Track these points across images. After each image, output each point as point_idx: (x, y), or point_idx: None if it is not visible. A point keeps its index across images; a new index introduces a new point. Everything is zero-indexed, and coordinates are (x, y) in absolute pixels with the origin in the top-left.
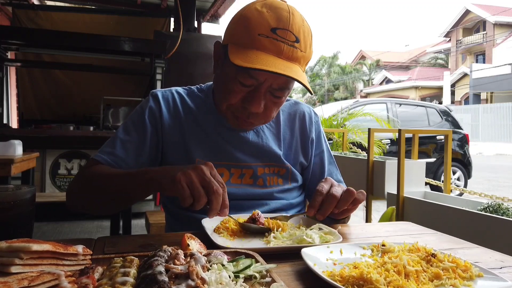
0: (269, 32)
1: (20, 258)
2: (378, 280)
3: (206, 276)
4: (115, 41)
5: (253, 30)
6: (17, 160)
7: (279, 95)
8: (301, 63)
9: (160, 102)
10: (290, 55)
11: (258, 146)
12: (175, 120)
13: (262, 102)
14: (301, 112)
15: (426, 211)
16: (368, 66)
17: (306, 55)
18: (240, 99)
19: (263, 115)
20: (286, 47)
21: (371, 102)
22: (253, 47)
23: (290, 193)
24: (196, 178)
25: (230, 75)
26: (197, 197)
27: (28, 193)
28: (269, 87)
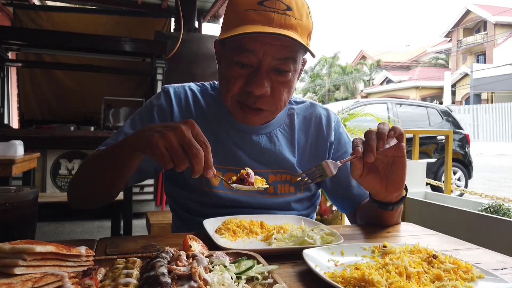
0: (256, 5)
1: (24, 260)
2: (379, 282)
3: (208, 278)
4: (116, 42)
5: (240, 7)
6: (18, 161)
7: (284, 68)
8: (298, 31)
9: (172, 98)
10: (283, 23)
11: (270, 152)
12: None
13: (265, 82)
14: (317, 115)
15: (426, 211)
16: (368, 66)
17: (304, 23)
18: (243, 84)
19: (272, 98)
20: (277, 15)
21: (371, 102)
22: (242, 23)
23: (302, 203)
24: (175, 141)
25: (228, 62)
26: (177, 162)
27: (31, 194)
28: (270, 64)
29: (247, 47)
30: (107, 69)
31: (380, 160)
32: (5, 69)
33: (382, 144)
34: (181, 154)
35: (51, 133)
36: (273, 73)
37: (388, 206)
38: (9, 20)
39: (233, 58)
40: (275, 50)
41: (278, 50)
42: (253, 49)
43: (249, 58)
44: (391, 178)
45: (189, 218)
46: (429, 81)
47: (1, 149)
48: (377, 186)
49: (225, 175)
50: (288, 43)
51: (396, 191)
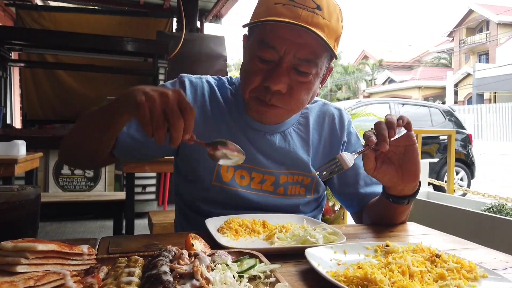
0: (285, 0)
1: (26, 258)
2: (382, 281)
3: (210, 276)
4: (118, 42)
5: (270, 1)
6: (21, 160)
7: (304, 69)
8: (325, 31)
9: (187, 88)
10: (309, 20)
11: (284, 151)
12: (200, 111)
13: (283, 79)
14: (330, 114)
15: (429, 211)
16: (370, 66)
17: (332, 25)
18: (261, 79)
19: (289, 96)
20: (305, 12)
21: (374, 102)
22: (268, 15)
23: (310, 205)
24: (159, 105)
25: (250, 55)
26: (156, 126)
27: (33, 193)
28: (290, 62)
29: (269, 42)
30: (109, 69)
31: (393, 151)
32: (8, 69)
33: (393, 133)
34: (161, 120)
35: (53, 133)
36: (293, 72)
37: (404, 199)
38: (12, 21)
39: (255, 52)
40: (297, 49)
41: (299, 48)
42: (275, 45)
43: (271, 53)
44: (406, 167)
45: (195, 216)
46: (432, 81)
47: (3, 149)
48: (393, 177)
49: (237, 171)
50: (312, 44)
51: (413, 181)
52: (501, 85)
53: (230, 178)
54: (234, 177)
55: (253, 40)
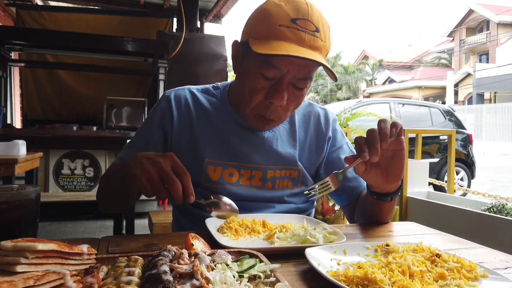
0: (289, 22)
1: (26, 258)
2: (382, 280)
3: (210, 276)
4: (118, 42)
5: (274, 21)
6: (21, 160)
7: (302, 86)
8: (322, 52)
9: (172, 103)
10: (312, 44)
11: (271, 146)
12: (186, 120)
13: (284, 95)
14: (316, 113)
15: (429, 211)
16: (371, 66)
17: (326, 45)
18: (264, 95)
19: (283, 109)
20: (308, 36)
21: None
22: (275, 38)
23: (299, 197)
24: (155, 174)
25: (252, 70)
26: (157, 192)
27: (33, 192)
28: (291, 78)
29: (275, 64)
30: (110, 69)
31: (381, 155)
32: (8, 69)
33: (385, 145)
34: (159, 186)
35: (53, 133)
36: (291, 87)
37: (386, 197)
38: (12, 20)
39: (258, 69)
40: (298, 70)
41: (300, 69)
42: (280, 66)
43: (274, 73)
44: (391, 170)
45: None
46: (432, 80)
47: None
48: (378, 179)
49: (225, 170)
50: (311, 64)
51: (395, 182)
52: (501, 85)
53: (218, 177)
54: (222, 175)
55: (256, 57)
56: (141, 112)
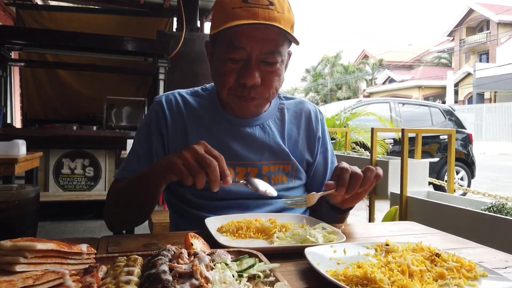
0: (241, 3)
1: (25, 257)
2: (382, 280)
3: (210, 275)
4: (118, 41)
5: (227, 7)
6: (21, 160)
7: (271, 60)
8: (282, 23)
9: (164, 107)
10: (267, 16)
11: (264, 142)
12: (178, 123)
13: (256, 73)
14: (307, 110)
15: (429, 211)
16: (371, 66)
17: (286, 16)
18: (236, 77)
19: (264, 87)
20: (261, 10)
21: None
22: (230, 20)
23: (294, 191)
24: (191, 157)
25: (220, 58)
26: (194, 174)
27: (32, 192)
28: (258, 57)
29: (237, 44)
30: (110, 69)
31: None
32: (8, 69)
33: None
34: (196, 167)
35: (53, 133)
36: (262, 64)
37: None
38: (12, 20)
39: (225, 55)
40: (262, 44)
41: (264, 43)
42: (243, 46)
43: (240, 53)
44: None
45: (187, 211)
46: (432, 80)
47: (4, 148)
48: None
49: None
50: (273, 37)
51: (351, 205)
52: (502, 85)
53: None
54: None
55: (221, 45)
56: (141, 111)
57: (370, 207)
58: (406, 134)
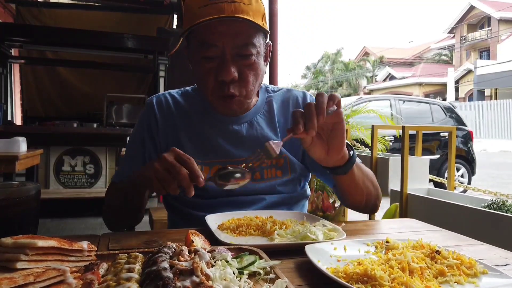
0: (206, 1)
1: (26, 254)
2: (382, 277)
3: (210, 273)
4: (118, 38)
5: (193, 7)
6: (22, 157)
7: (246, 52)
8: (250, 14)
9: (155, 108)
10: (233, 10)
11: (253, 138)
12: (169, 123)
13: (231, 68)
14: (294, 97)
15: (429, 208)
16: (371, 63)
17: (254, 7)
18: (214, 76)
19: (241, 81)
20: (226, 4)
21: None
22: (197, 19)
23: (291, 185)
24: (161, 168)
25: (195, 58)
26: (166, 184)
27: (33, 189)
28: (232, 52)
29: (208, 41)
30: (110, 66)
31: (321, 129)
32: (8, 66)
33: (322, 118)
34: (167, 178)
35: (54, 130)
36: (238, 58)
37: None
38: (12, 17)
39: (198, 55)
40: (233, 38)
41: (235, 37)
42: (214, 43)
43: (212, 51)
44: (332, 143)
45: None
46: (432, 77)
47: (4, 145)
48: (322, 153)
49: (212, 168)
50: (243, 29)
51: (337, 155)
52: (502, 82)
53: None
54: (210, 174)
55: (193, 46)
56: (141, 109)
57: None
58: (406, 131)
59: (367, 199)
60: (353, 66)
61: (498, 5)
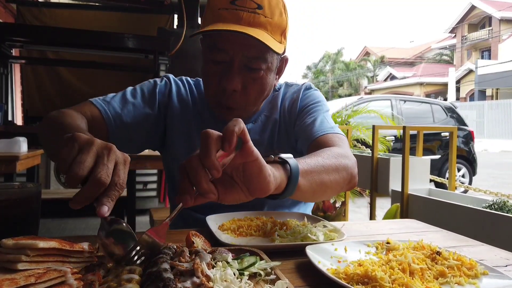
0: (228, 4)
1: (27, 255)
2: (383, 278)
3: (211, 274)
4: (119, 38)
5: (214, 6)
6: (22, 157)
7: (255, 66)
8: (268, 29)
9: (172, 85)
10: (251, 21)
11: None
12: (182, 106)
13: (236, 78)
14: (290, 92)
15: (430, 208)
16: (372, 63)
17: (275, 21)
18: (218, 81)
19: (243, 94)
20: (246, 14)
21: (375, 99)
22: (214, 22)
23: None
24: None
25: (204, 59)
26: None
27: (34, 190)
28: (241, 61)
29: (219, 46)
30: (110, 66)
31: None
32: (9, 66)
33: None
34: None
35: None
36: (245, 69)
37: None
38: (12, 17)
39: (208, 56)
40: (245, 49)
41: (247, 48)
42: (224, 48)
43: (221, 56)
44: (251, 186)
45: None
46: (433, 77)
47: (5, 145)
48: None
49: None
50: (256, 43)
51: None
52: (503, 82)
53: None
54: None
55: (205, 45)
56: None
57: (371, 205)
58: (407, 132)
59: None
60: (354, 66)
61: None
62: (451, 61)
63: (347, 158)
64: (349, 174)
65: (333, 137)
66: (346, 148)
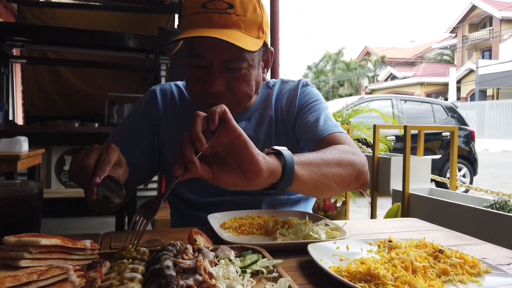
0: (200, 8)
1: (29, 253)
2: (385, 276)
3: (213, 271)
4: (120, 38)
5: (187, 12)
6: (23, 157)
7: (235, 66)
8: (242, 27)
9: (158, 97)
10: (223, 22)
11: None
12: (172, 114)
13: (218, 81)
14: (287, 89)
15: (431, 208)
16: (373, 63)
17: (249, 18)
18: (201, 85)
19: (231, 93)
20: (217, 15)
21: (376, 99)
22: (188, 28)
23: None
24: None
25: (187, 63)
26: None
27: (36, 188)
28: (220, 64)
29: (196, 52)
30: (111, 66)
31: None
32: (10, 66)
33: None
34: None
35: (55, 130)
36: (227, 71)
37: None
38: (13, 17)
39: (188, 62)
40: (221, 52)
41: (223, 51)
42: (202, 54)
43: (200, 61)
44: (241, 165)
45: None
46: (434, 77)
47: (6, 145)
48: (237, 181)
49: None
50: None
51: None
52: (504, 82)
53: None
54: None
55: (186, 51)
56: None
57: (372, 204)
58: (408, 131)
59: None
60: (354, 66)
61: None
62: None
63: (355, 155)
64: (356, 170)
65: (340, 136)
66: (354, 146)
